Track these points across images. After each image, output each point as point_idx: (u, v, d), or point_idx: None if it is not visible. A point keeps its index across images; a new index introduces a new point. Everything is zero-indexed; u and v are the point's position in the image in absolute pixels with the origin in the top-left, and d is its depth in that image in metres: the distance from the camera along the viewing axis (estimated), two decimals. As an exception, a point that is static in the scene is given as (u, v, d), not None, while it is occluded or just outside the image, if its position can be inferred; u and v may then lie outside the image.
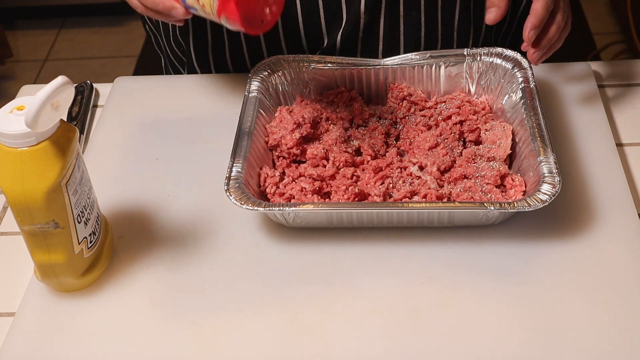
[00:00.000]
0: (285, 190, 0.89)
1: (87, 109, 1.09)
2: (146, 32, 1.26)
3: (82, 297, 0.84)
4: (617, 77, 1.10)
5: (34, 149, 0.72)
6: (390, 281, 0.83)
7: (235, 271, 0.85)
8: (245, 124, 0.92)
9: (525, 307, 0.80)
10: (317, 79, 1.01)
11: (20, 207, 0.74)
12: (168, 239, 0.89)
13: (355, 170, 0.91)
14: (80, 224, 0.79)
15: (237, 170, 0.86)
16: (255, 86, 0.97)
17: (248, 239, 0.88)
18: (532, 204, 0.81)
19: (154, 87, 1.12)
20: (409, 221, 0.86)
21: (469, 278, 0.83)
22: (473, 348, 0.77)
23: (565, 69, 1.08)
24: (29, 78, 2.75)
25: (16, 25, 2.99)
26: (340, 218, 0.86)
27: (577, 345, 0.76)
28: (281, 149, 0.94)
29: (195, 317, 0.81)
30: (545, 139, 0.87)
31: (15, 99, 0.75)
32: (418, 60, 0.99)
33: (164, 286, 0.84)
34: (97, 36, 2.94)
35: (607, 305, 0.80)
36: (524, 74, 0.96)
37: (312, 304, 0.82)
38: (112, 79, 1.14)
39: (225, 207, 0.89)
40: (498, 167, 0.89)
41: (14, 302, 0.85)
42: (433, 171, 0.90)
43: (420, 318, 0.80)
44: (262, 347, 0.78)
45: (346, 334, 0.79)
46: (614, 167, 0.94)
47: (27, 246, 0.80)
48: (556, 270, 0.83)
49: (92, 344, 0.80)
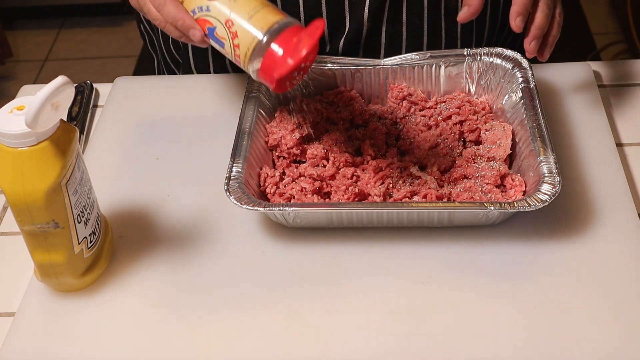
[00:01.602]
0: (285, 190, 0.89)
1: (87, 109, 1.09)
2: (140, 33, 1.26)
3: (82, 297, 0.84)
4: (617, 77, 1.10)
5: (34, 149, 0.72)
6: (391, 281, 0.83)
7: (235, 271, 0.85)
8: (245, 124, 0.92)
9: (525, 307, 0.80)
10: (317, 79, 1.01)
11: (20, 207, 0.74)
12: (168, 239, 0.89)
13: (355, 170, 0.91)
14: (80, 224, 0.79)
15: (237, 170, 0.86)
16: (255, 86, 0.97)
17: (248, 239, 0.88)
18: (532, 204, 0.81)
19: (154, 87, 1.12)
20: (409, 221, 0.86)
21: (469, 278, 0.83)
22: (473, 348, 0.77)
23: (565, 69, 1.08)
24: (29, 78, 2.75)
25: (16, 25, 2.99)
26: (340, 218, 0.86)
27: (578, 345, 0.76)
28: (281, 149, 0.94)
29: (195, 317, 0.81)
30: (545, 139, 0.87)
31: (15, 99, 0.75)
32: (418, 60, 0.99)
33: (164, 286, 0.84)
34: (97, 36, 2.94)
35: (607, 305, 0.80)
36: (524, 74, 0.96)
37: (312, 303, 0.82)
38: (112, 79, 1.14)
39: (225, 207, 0.89)
40: (498, 167, 0.89)
41: (14, 302, 0.85)
42: (433, 171, 0.90)
43: (420, 318, 0.79)
44: (262, 347, 0.78)
45: (346, 334, 0.79)
46: (614, 167, 0.93)
47: (27, 246, 0.80)
48: (556, 270, 0.83)
49: (92, 344, 0.80)
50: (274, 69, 0.79)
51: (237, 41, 0.81)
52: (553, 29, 0.94)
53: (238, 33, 0.81)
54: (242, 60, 0.82)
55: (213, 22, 0.82)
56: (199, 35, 0.83)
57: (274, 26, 0.79)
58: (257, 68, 0.81)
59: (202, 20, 0.83)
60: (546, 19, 0.92)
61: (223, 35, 0.82)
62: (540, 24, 0.91)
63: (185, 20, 0.84)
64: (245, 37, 0.80)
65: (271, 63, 0.79)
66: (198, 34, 0.83)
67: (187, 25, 0.84)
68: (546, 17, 0.92)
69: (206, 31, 0.83)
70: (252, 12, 0.81)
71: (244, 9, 0.81)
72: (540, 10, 0.91)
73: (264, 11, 0.81)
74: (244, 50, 0.81)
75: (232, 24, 0.81)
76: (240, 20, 0.81)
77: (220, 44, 0.83)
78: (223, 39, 0.82)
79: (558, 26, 0.94)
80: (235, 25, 0.81)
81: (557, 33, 0.94)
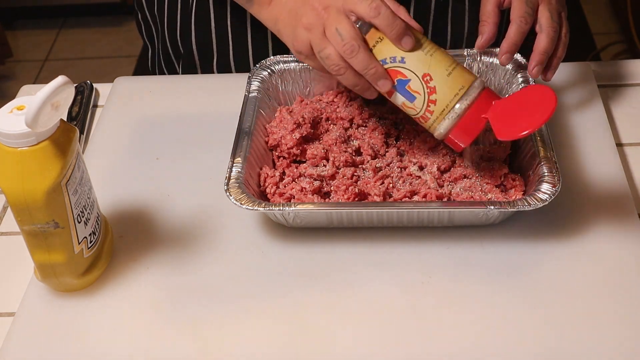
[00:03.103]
0: (285, 190, 0.89)
1: (87, 109, 1.09)
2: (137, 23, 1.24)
3: (82, 297, 0.84)
4: (617, 77, 1.10)
5: (34, 149, 0.72)
6: (391, 281, 0.83)
7: (235, 271, 0.85)
8: (245, 124, 0.92)
9: (525, 307, 0.80)
10: (317, 79, 1.01)
11: (20, 207, 0.74)
12: (168, 239, 0.89)
13: (355, 170, 0.91)
14: (80, 224, 0.79)
15: (237, 170, 0.86)
16: (255, 86, 0.97)
17: (248, 239, 0.88)
18: (532, 203, 0.81)
19: (154, 87, 1.12)
20: (409, 221, 0.86)
21: (469, 278, 0.83)
22: (473, 347, 0.77)
23: (565, 69, 1.08)
24: (29, 78, 2.75)
25: (16, 25, 3.00)
26: (340, 218, 0.86)
27: (577, 344, 0.76)
28: (281, 149, 0.94)
29: (195, 317, 0.81)
30: (545, 139, 0.87)
31: (15, 99, 0.75)
32: (418, 60, 0.99)
33: (164, 286, 0.84)
34: (97, 36, 2.94)
35: (607, 304, 0.80)
36: (524, 74, 0.96)
37: (312, 303, 0.82)
38: (112, 79, 1.14)
39: (225, 207, 0.89)
40: (498, 167, 0.89)
41: (14, 302, 0.85)
42: (433, 171, 0.90)
43: (420, 318, 0.80)
44: (262, 347, 0.78)
45: (346, 334, 0.79)
46: (614, 167, 0.94)
47: (27, 246, 0.80)
48: (556, 270, 0.83)
49: (92, 344, 0.80)
50: (479, 127, 0.80)
51: (435, 97, 0.80)
52: (559, 51, 0.93)
53: (437, 89, 0.80)
54: (434, 117, 0.81)
55: (407, 74, 0.81)
56: (389, 86, 0.81)
57: (471, 86, 0.80)
58: (451, 125, 0.81)
59: (392, 72, 0.81)
60: (551, 43, 0.91)
61: (417, 89, 0.81)
62: (545, 48, 0.91)
63: (379, 68, 0.81)
64: (444, 94, 0.80)
65: (473, 122, 0.80)
66: (389, 84, 0.81)
67: (380, 74, 0.81)
68: (552, 41, 0.91)
69: (395, 83, 0.82)
70: (450, 69, 0.80)
71: (442, 65, 0.80)
72: (546, 34, 0.91)
73: (459, 68, 0.81)
74: (441, 107, 0.80)
75: (430, 78, 0.80)
76: (440, 76, 0.80)
77: (409, 98, 0.82)
78: (417, 93, 0.81)
79: (564, 47, 0.93)
80: (434, 80, 0.80)
81: (562, 54, 0.93)
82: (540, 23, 0.92)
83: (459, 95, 0.80)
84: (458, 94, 0.80)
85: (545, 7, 0.92)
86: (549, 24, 0.91)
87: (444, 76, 0.80)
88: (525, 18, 0.90)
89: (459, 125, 0.81)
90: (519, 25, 0.90)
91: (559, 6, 0.93)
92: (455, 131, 0.81)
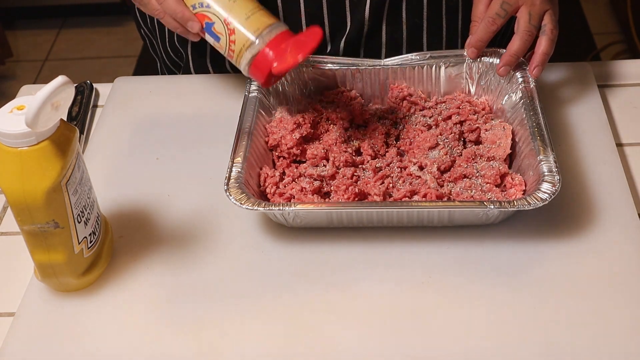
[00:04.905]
0: (285, 190, 0.89)
1: (87, 109, 1.09)
2: (141, 36, 1.26)
3: (82, 297, 0.84)
4: (617, 77, 1.10)
5: (34, 149, 0.72)
6: (390, 281, 0.83)
7: (235, 271, 0.85)
8: (245, 124, 0.92)
9: (525, 306, 0.80)
10: (317, 79, 1.01)
11: (20, 207, 0.74)
12: (168, 239, 0.89)
13: (355, 170, 0.91)
14: (80, 224, 0.79)
15: (237, 170, 0.86)
16: (255, 86, 0.97)
17: (248, 239, 0.88)
18: (532, 203, 0.81)
19: (153, 87, 1.12)
20: (409, 221, 0.86)
21: (469, 278, 0.83)
22: (473, 347, 0.77)
23: (565, 69, 1.08)
24: (29, 78, 2.75)
25: (16, 25, 3.00)
26: (340, 218, 0.86)
27: (577, 344, 0.76)
28: (281, 149, 0.94)
29: (195, 317, 0.81)
30: (545, 139, 0.87)
31: (15, 99, 0.75)
32: (418, 60, 0.99)
33: (164, 286, 0.84)
34: (97, 36, 2.94)
35: (607, 304, 0.80)
36: (524, 74, 0.96)
37: (312, 303, 0.82)
38: (112, 79, 1.14)
39: (225, 207, 0.89)
40: (498, 166, 0.89)
41: (14, 302, 0.85)
42: (433, 171, 0.90)
43: (420, 318, 0.80)
44: (262, 347, 0.78)
45: (346, 334, 0.79)
46: (614, 167, 0.94)
47: (27, 246, 0.80)
48: (556, 269, 0.83)
49: (92, 344, 0.80)
50: (268, 66, 0.88)
51: (234, 37, 0.89)
52: (543, 46, 0.95)
53: (235, 31, 0.89)
54: (235, 55, 0.90)
55: (212, 17, 0.90)
56: (198, 27, 0.91)
57: (267, 28, 0.88)
58: (248, 63, 0.89)
59: (200, 15, 0.91)
60: (524, 45, 0.94)
61: (220, 30, 0.90)
62: (515, 51, 0.95)
63: (185, 12, 0.90)
64: (241, 35, 0.89)
65: (264, 60, 0.88)
66: (197, 25, 0.91)
67: (187, 17, 0.91)
68: (524, 44, 0.94)
69: (203, 25, 0.91)
70: (250, 14, 0.89)
71: (242, 10, 0.89)
72: (520, 37, 0.95)
73: (259, 13, 0.90)
74: (239, 46, 0.89)
75: (230, 21, 0.89)
76: (239, 19, 0.89)
77: (216, 39, 0.91)
78: (220, 34, 0.90)
79: (550, 43, 0.95)
80: (233, 23, 0.89)
81: (548, 50, 0.95)
82: (518, 25, 0.95)
83: (254, 37, 0.88)
84: (253, 35, 0.88)
85: (526, 10, 0.94)
86: (525, 27, 0.94)
87: (242, 20, 0.89)
88: (494, 18, 0.95)
89: (253, 62, 0.89)
90: (486, 24, 0.95)
91: (544, 7, 0.94)
92: (252, 68, 0.90)
